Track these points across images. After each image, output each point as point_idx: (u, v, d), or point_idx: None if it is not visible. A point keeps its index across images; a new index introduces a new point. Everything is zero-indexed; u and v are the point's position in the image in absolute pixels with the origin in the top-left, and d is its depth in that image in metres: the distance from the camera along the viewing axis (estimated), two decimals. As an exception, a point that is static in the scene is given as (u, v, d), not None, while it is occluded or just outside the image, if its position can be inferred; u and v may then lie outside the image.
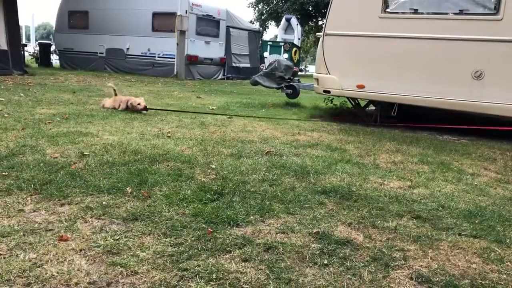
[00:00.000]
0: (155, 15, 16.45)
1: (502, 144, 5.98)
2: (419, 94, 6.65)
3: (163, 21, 16.31)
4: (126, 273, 1.98)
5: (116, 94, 7.25)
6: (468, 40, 6.30)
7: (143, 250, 2.20)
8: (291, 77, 9.46)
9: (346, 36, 7.10)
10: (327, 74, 7.29)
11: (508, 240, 2.61)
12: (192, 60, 16.48)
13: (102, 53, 17.67)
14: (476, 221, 2.90)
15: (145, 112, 6.82)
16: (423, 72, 6.63)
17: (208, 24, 17.40)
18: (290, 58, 21.68)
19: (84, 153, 3.99)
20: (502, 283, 2.09)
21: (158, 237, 2.37)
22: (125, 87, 11.38)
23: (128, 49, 17.22)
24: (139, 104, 6.84)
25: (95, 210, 2.70)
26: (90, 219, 2.57)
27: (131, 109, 6.84)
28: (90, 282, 1.90)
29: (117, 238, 2.33)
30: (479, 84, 6.28)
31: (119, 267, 2.03)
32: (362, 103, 8.09)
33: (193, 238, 2.37)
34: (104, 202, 2.82)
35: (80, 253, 2.15)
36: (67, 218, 2.57)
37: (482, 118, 6.77)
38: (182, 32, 15.85)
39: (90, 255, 2.14)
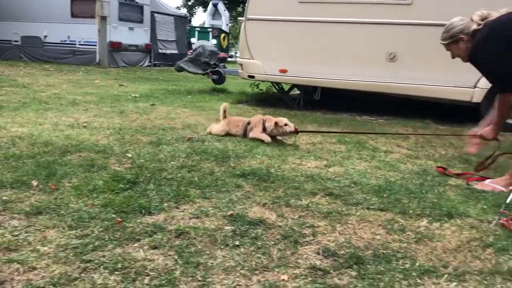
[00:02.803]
0: (73, 0, 15.61)
1: (415, 123, 6.32)
2: (339, 77, 6.85)
3: (82, 7, 15.52)
4: (23, 270, 1.87)
5: (225, 116, 4.88)
6: (382, 23, 6.56)
7: (44, 245, 2.09)
8: (217, 63, 9.40)
9: (267, 20, 7.14)
10: (250, 59, 7.32)
11: (411, 211, 2.76)
12: (116, 47, 15.86)
13: (17, 41, 16.51)
14: (385, 195, 3.04)
15: (292, 137, 4.64)
16: (341, 56, 6.84)
17: (131, 10, 16.79)
18: (219, 44, 21.52)
19: (-12, 147, 3.72)
20: (402, 251, 2.21)
21: (63, 230, 2.25)
22: (42, 76, 10.75)
23: (45, 36, 16.24)
24: (286, 124, 4.43)
25: (-5, 206, 2.52)
26: (-13, 216, 2.40)
27: (274, 135, 4.53)
28: (-19, 283, 1.77)
29: (17, 234, 2.19)
30: (393, 66, 6.59)
31: (15, 264, 1.90)
32: (287, 87, 8.22)
33: (100, 229, 2.28)
34: (5, 197, 2.64)
35: (-28, 253, 2.00)
36: (-39, 216, 2.38)
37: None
38: (103, 18, 15.18)
39: (-16, 254, 1.99)
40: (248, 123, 4.67)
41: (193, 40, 21.22)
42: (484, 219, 2.67)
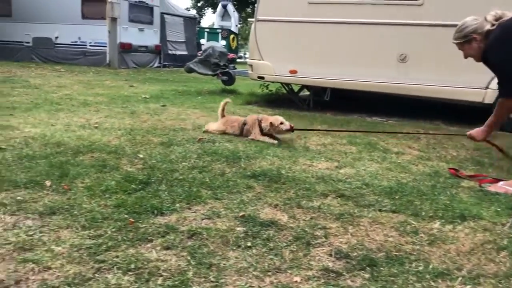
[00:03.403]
0: (84, 1, 15.77)
1: (425, 124, 6.29)
2: (349, 78, 6.83)
3: (93, 8, 15.66)
4: (38, 269, 1.88)
5: (223, 115, 4.99)
6: (392, 24, 6.53)
7: (58, 245, 2.10)
8: (226, 64, 9.41)
9: (277, 21, 7.14)
10: (260, 60, 7.32)
11: (424, 213, 2.74)
12: (126, 48, 15.97)
13: (29, 43, 16.68)
14: (397, 197, 3.02)
15: (287, 135, 4.74)
16: (352, 57, 6.81)
17: (141, 11, 16.89)
18: (228, 45, 21.53)
19: (1, 147, 3.75)
20: (415, 253, 2.20)
21: (76, 230, 2.27)
22: (53, 77, 10.85)
23: (57, 37, 16.39)
24: (282, 123, 4.56)
25: (9, 206, 2.54)
26: (2, 216, 2.42)
27: (268, 133, 4.64)
28: (-3, 282, 1.79)
29: (31, 233, 2.21)
30: (404, 66, 6.55)
31: (30, 263, 1.92)
32: (296, 88, 8.21)
33: (113, 230, 2.29)
34: (19, 197, 2.66)
35: (-12, 252, 2.02)
36: (-24, 216, 2.40)
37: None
38: (114, 19, 15.29)
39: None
40: (244, 123, 4.78)
41: (202, 41, 21.25)
42: (498, 222, 2.64)
